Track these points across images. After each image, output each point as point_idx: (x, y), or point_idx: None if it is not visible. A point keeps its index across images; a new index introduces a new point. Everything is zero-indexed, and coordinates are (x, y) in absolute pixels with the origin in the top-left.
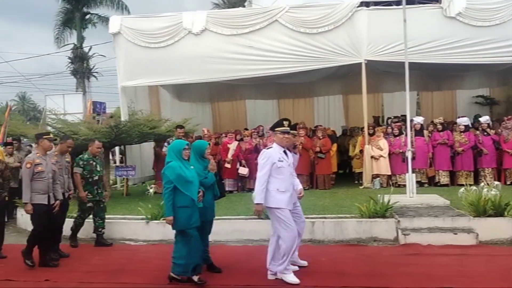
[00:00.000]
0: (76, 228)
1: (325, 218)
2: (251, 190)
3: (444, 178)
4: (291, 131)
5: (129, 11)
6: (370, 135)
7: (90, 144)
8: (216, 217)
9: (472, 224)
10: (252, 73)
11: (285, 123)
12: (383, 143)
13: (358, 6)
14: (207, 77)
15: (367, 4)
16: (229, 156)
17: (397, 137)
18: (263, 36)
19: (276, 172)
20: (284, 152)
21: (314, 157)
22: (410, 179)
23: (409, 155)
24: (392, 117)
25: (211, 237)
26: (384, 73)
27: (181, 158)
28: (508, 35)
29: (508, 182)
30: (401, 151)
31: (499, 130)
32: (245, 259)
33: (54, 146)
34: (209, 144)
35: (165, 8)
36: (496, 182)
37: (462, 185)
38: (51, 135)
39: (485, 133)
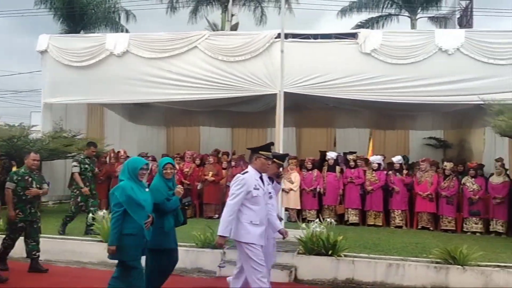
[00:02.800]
0: (4, 251)
1: None
2: None
3: (353, 217)
4: (278, 161)
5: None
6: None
7: (26, 157)
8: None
9: (295, 261)
10: (170, 97)
11: (272, 148)
12: (295, 176)
13: (276, 37)
14: (128, 99)
15: (285, 36)
16: None
17: (310, 171)
18: (183, 61)
19: (250, 202)
20: (260, 178)
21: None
22: (282, 211)
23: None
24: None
25: None
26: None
27: (136, 178)
28: (423, 75)
29: (420, 226)
30: (312, 188)
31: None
32: None
33: None
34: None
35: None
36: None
37: (372, 225)
38: None
39: (397, 174)
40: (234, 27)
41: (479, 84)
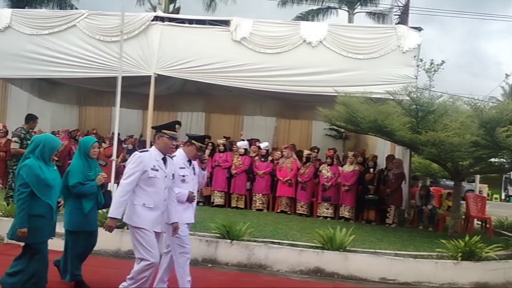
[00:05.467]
0: None
1: None
2: None
3: (218, 199)
4: (197, 143)
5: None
6: None
7: None
8: None
9: None
10: (49, 74)
11: (177, 127)
12: None
13: (152, 20)
14: (7, 74)
15: (162, 19)
16: None
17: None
18: (62, 39)
19: (145, 183)
20: (163, 159)
21: None
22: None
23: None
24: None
25: None
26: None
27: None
28: (288, 65)
29: (278, 210)
30: None
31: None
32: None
33: None
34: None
35: None
36: None
37: (235, 207)
38: None
39: (263, 159)
40: (176, 11)
41: (337, 77)
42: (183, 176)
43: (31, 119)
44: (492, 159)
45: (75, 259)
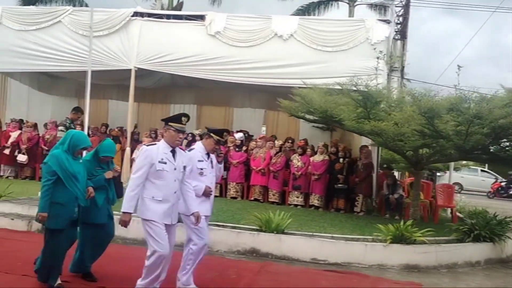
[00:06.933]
0: None
1: None
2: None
3: None
4: (215, 136)
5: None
6: None
7: None
8: None
9: None
10: (36, 67)
11: (184, 119)
12: None
13: (132, 16)
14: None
15: (141, 15)
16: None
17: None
18: (48, 34)
19: (154, 176)
20: (172, 152)
21: None
22: None
23: None
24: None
25: None
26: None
27: (72, 154)
28: (259, 57)
29: (252, 198)
30: None
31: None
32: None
33: None
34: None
35: None
36: None
37: None
38: None
39: (237, 149)
40: (178, 7)
41: (307, 69)
42: (201, 169)
43: (76, 110)
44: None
45: (88, 251)
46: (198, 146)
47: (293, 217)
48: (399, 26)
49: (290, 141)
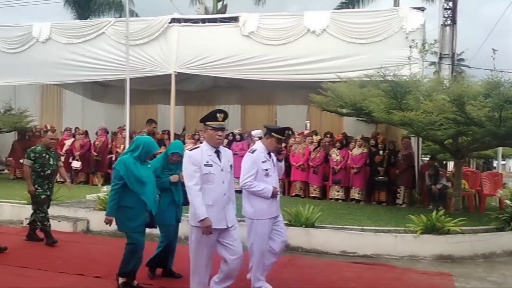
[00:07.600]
0: (43, 226)
1: None
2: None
3: (236, 185)
4: (277, 135)
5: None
6: None
7: (43, 135)
8: None
9: (88, 216)
10: (84, 78)
11: (219, 116)
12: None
13: (170, 22)
14: (51, 80)
15: (178, 21)
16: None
17: None
18: (93, 46)
19: (201, 180)
20: (217, 153)
21: None
22: None
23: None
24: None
25: None
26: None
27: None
28: (293, 54)
29: (293, 194)
30: None
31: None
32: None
33: None
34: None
35: None
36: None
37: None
38: None
39: None
40: (223, 9)
41: (341, 63)
42: (266, 170)
43: (150, 122)
44: None
45: (159, 252)
46: (260, 146)
47: (330, 210)
48: (449, 11)
49: (328, 135)
